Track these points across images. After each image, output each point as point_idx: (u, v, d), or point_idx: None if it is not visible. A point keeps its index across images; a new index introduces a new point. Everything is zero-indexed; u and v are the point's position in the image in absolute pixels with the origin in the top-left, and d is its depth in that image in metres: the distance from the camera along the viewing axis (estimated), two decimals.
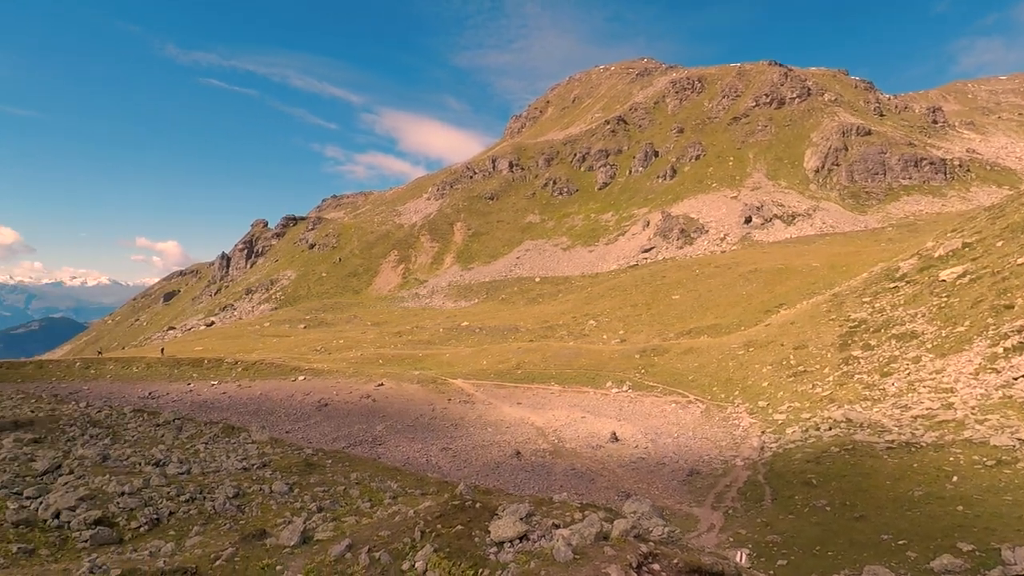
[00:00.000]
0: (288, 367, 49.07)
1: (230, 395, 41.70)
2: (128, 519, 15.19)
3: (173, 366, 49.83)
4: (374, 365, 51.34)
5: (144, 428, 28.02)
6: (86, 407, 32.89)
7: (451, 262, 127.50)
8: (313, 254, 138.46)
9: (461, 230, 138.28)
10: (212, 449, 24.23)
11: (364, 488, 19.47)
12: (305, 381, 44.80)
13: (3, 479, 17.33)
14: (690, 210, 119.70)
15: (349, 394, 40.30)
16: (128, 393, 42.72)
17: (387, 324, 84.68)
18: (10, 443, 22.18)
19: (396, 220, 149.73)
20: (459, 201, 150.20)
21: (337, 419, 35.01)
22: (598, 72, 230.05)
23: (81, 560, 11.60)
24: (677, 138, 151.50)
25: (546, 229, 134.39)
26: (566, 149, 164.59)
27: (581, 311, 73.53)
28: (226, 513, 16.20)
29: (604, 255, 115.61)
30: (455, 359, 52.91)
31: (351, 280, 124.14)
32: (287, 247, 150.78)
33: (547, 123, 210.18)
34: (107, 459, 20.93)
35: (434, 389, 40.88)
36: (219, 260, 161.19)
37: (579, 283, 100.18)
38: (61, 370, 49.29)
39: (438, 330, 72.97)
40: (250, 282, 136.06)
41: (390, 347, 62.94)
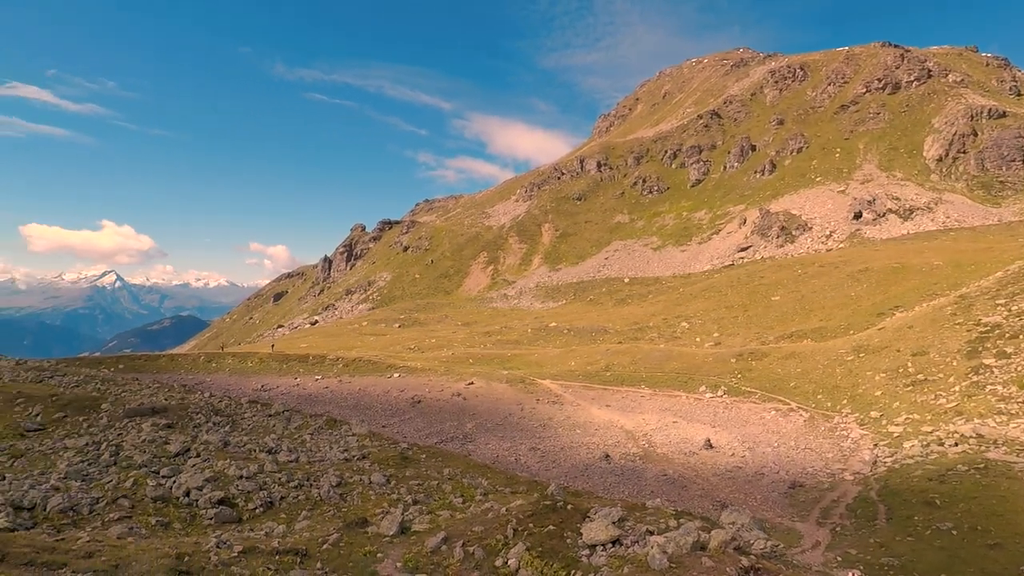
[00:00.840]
0: (384, 364, 51.37)
1: (332, 390, 44.28)
2: (246, 501, 16.55)
3: (282, 361, 53.65)
4: (464, 364, 52.60)
5: (258, 418, 30.40)
6: (209, 397, 36.18)
7: (539, 263, 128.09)
8: (407, 256, 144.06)
9: (549, 231, 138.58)
10: (317, 440, 25.86)
11: (456, 484, 20.01)
12: (400, 378, 46.71)
13: (144, 459, 19.47)
14: (791, 206, 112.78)
15: (441, 392, 41.56)
16: (244, 385, 46.49)
17: (476, 324, 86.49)
18: (148, 427, 24.85)
19: (485, 222, 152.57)
20: (547, 202, 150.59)
21: (429, 415, 36.21)
22: (690, 66, 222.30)
23: (208, 535, 12.79)
24: (776, 130, 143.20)
25: (635, 229, 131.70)
26: (656, 146, 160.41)
27: (672, 312, 71.38)
28: (330, 500, 17.24)
29: (697, 255, 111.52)
30: (543, 359, 53.10)
31: (442, 281, 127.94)
32: (383, 250, 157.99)
33: (636, 120, 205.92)
34: (227, 445, 22.91)
35: (522, 389, 41.26)
36: (322, 263, 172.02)
37: (670, 284, 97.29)
38: (188, 363, 54.55)
39: (526, 330, 73.56)
40: (349, 283, 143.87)
41: (479, 347, 64.24)
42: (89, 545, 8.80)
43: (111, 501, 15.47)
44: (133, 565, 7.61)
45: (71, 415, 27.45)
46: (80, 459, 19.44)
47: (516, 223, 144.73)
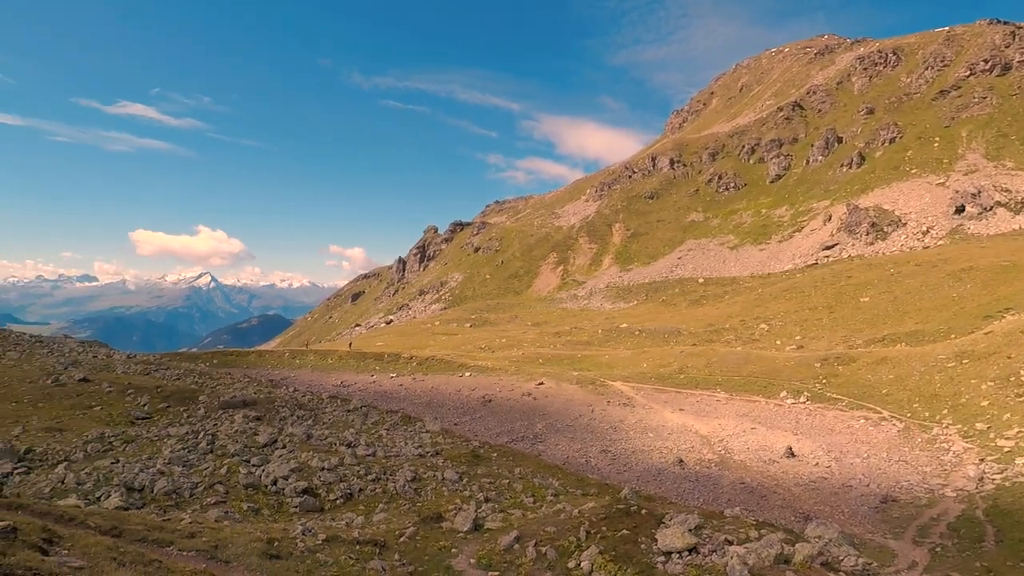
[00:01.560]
0: (456, 363, 52.37)
1: (406, 387, 45.62)
2: (327, 491, 17.36)
3: (360, 359, 55.83)
4: (534, 364, 52.74)
5: (338, 413, 31.80)
6: (294, 392, 38.21)
7: (609, 263, 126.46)
8: (478, 257, 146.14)
9: (620, 231, 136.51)
10: (393, 435, 26.74)
11: (527, 483, 20.11)
12: (471, 377, 47.45)
13: (236, 448, 20.82)
14: (883, 200, 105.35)
15: (511, 391, 41.88)
16: (325, 381, 48.74)
17: (546, 324, 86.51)
18: (240, 419, 26.55)
19: (555, 223, 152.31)
20: (617, 201, 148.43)
21: (500, 415, 36.56)
22: (768, 56, 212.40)
23: (294, 522, 13.52)
24: (866, 120, 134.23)
25: (710, 227, 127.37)
26: (732, 141, 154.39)
27: (750, 314, 68.48)
28: (405, 494, 17.78)
29: (777, 254, 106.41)
30: (614, 361, 52.38)
31: (512, 282, 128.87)
32: (455, 251, 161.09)
33: (711, 115, 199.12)
34: (311, 437, 24.10)
35: (593, 390, 40.89)
36: (396, 264, 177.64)
37: (748, 284, 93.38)
38: (274, 359, 57.83)
39: (596, 331, 72.82)
40: (422, 284, 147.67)
41: (549, 347, 64.21)
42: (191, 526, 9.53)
43: (208, 486, 16.66)
44: (230, 547, 8.18)
45: (173, 405, 29.81)
46: (181, 447, 21.05)
47: (586, 223, 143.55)
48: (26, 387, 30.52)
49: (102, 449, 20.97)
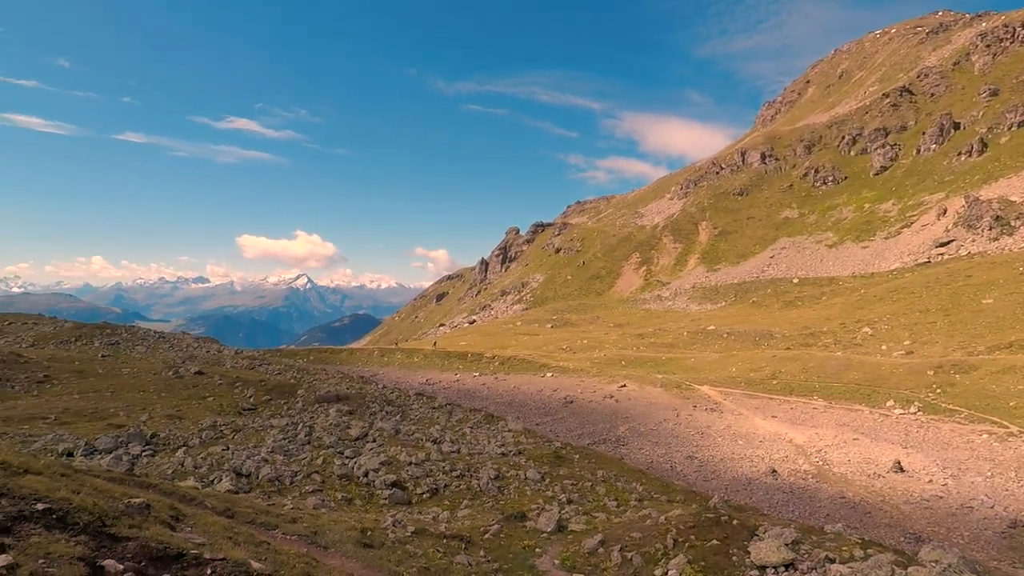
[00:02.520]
0: (537, 364, 52.56)
1: (488, 386, 46.34)
2: (415, 485, 17.94)
3: (444, 358, 57.35)
4: (616, 366, 51.95)
5: (424, 410, 32.84)
6: (383, 388, 39.87)
7: (695, 263, 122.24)
8: (559, 258, 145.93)
9: (706, 229, 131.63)
10: (476, 433, 27.24)
11: (610, 487, 19.84)
12: (552, 378, 47.46)
13: (331, 440, 22.01)
14: (1009, 191, 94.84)
15: (593, 393, 41.48)
16: (411, 379, 50.49)
17: (629, 326, 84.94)
18: (334, 412, 28.05)
19: (637, 222, 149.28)
20: (704, 199, 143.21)
21: (582, 416, 36.31)
22: (872, 39, 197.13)
23: (384, 514, 14.10)
24: (988, 103, 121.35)
25: (806, 224, 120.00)
26: (831, 132, 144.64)
27: (852, 316, 63.82)
28: (488, 492, 18.05)
29: (882, 251, 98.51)
30: (700, 364, 50.58)
31: (594, 282, 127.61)
32: (536, 252, 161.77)
33: (806, 106, 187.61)
34: (399, 433, 25.05)
35: (678, 394, 39.69)
36: (479, 265, 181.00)
37: (849, 284, 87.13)
38: (364, 357, 60.60)
39: (682, 333, 70.61)
40: (504, 285, 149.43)
41: (632, 349, 63.01)
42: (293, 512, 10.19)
43: (306, 475, 17.72)
44: (327, 533, 8.68)
45: (275, 398, 31.97)
46: (282, 437, 22.54)
47: (670, 222, 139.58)
48: (151, 378, 33.84)
49: (214, 436, 22.86)
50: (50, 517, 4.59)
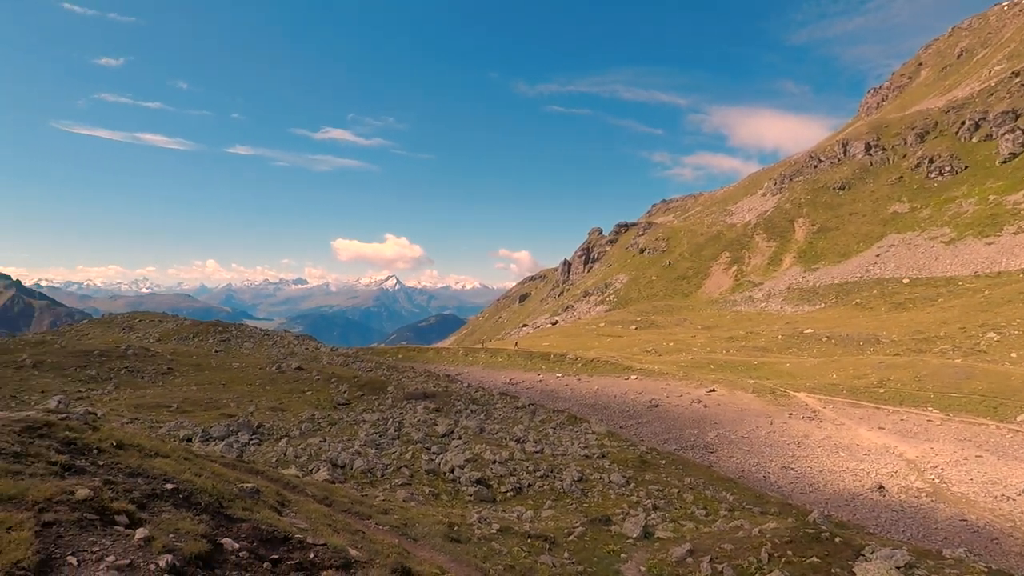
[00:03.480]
0: (621, 366, 51.69)
1: (571, 387, 46.11)
2: (499, 484, 18.20)
3: (527, 358, 57.70)
4: (704, 370, 50.08)
5: (507, 409, 33.21)
6: (467, 387, 40.72)
7: (791, 262, 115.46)
8: (643, 258, 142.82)
9: (803, 226, 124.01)
10: (559, 434, 27.21)
11: (698, 495, 19.18)
12: (637, 380, 46.50)
13: (419, 436, 22.78)
14: None
15: (679, 397, 40.22)
16: (494, 379, 51.20)
17: (718, 328, 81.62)
18: (421, 409, 28.99)
19: (727, 220, 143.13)
20: (800, 194, 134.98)
21: (667, 421, 35.31)
22: (999, 11, 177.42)
23: (469, 510, 14.42)
24: None
25: (918, 219, 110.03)
26: (948, 118, 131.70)
27: (973, 320, 57.80)
28: (572, 494, 17.98)
29: (1011, 248, 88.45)
30: (797, 370, 47.71)
31: (680, 283, 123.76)
32: (619, 252, 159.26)
33: (919, 90, 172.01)
34: (483, 431, 25.50)
35: (772, 401, 37.66)
36: (561, 266, 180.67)
37: (970, 285, 78.98)
38: (450, 356, 62.16)
39: (776, 336, 66.91)
40: (587, 285, 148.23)
41: (721, 352, 60.49)
42: (384, 503, 10.66)
43: (396, 469, 18.46)
44: (416, 526, 9.00)
45: (367, 394, 33.53)
46: (374, 431, 23.61)
47: (763, 219, 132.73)
48: (257, 372, 36.52)
49: (312, 428, 24.32)
50: (177, 496, 5.08)
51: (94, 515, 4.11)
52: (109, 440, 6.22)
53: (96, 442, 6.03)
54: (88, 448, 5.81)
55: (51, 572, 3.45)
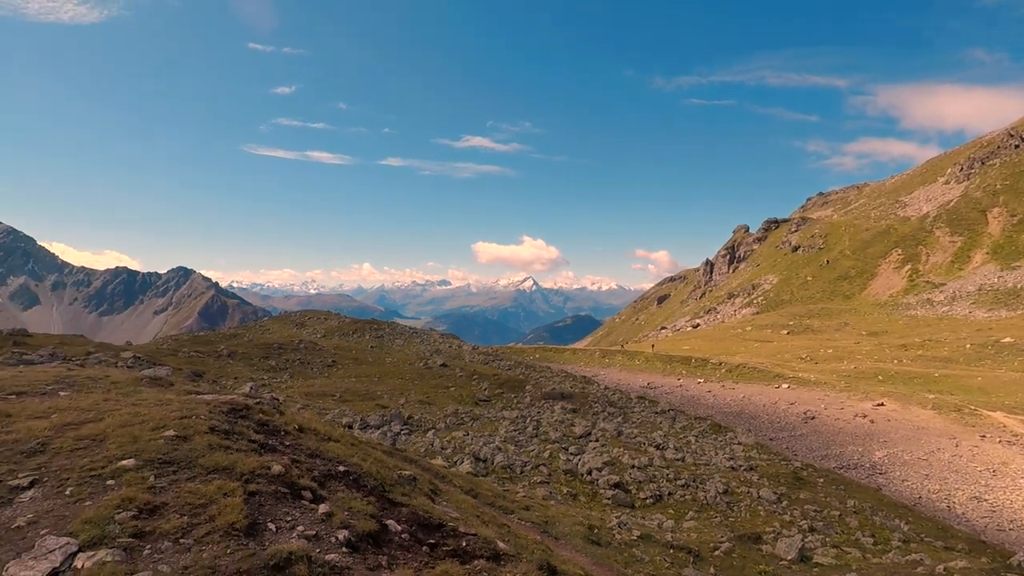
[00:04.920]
0: (771, 373, 48.08)
1: (714, 394, 43.80)
2: (637, 489, 17.84)
3: (666, 362, 55.84)
4: (871, 381, 44.88)
5: (646, 414, 32.41)
6: (604, 389, 40.38)
7: (982, 259, 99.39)
8: (796, 257, 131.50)
9: (999, 217, 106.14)
10: (702, 443, 26.00)
11: (864, 520, 17.27)
12: (789, 390, 42.98)
13: (556, 436, 23.05)
14: None
15: (840, 410, 36.48)
16: (632, 382, 50.20)
17: (887, 334, 72.64)
18: (559, 409, 29.30)
19: (899, 213, 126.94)
20: (994, 180, 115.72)
21: (825, 435, 32.18)
22: None
23: (608, 513, 14.31)
24: None
25: None
26: None
27: None
28: (716, 506, 17.10)
29: None
30: (990, 384, 40.99)
31: (841, 284, 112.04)
32: (768, 251, 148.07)
33: None
34: (620, 434, 25.14)
35: (957, 419, 32.74)
36: (703, 266, 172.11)
37: None
38: (586, 357, 62.06)
39: (962, 345, 58.01)
40: (732, 287, 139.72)
41: (891, 362, 53.78)
42: (525, 500, 10.96)
43: (534, 467, 18.85)
44: (557, 525, 9.15)
45: (506, 392, 34.61)
46: (513, 428, 24.31)
47: (945, 211, 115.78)
48: (407, 368, 39.31)
49: (456, 423, 25.64)
50: (348, 478, 5.69)
51: (286, 489, 4.75)
52: (292, 424, 7.11)
53: (283, 425, 6.93)
54: (277, 430, 6.69)
55: (256, 535, 4.06)
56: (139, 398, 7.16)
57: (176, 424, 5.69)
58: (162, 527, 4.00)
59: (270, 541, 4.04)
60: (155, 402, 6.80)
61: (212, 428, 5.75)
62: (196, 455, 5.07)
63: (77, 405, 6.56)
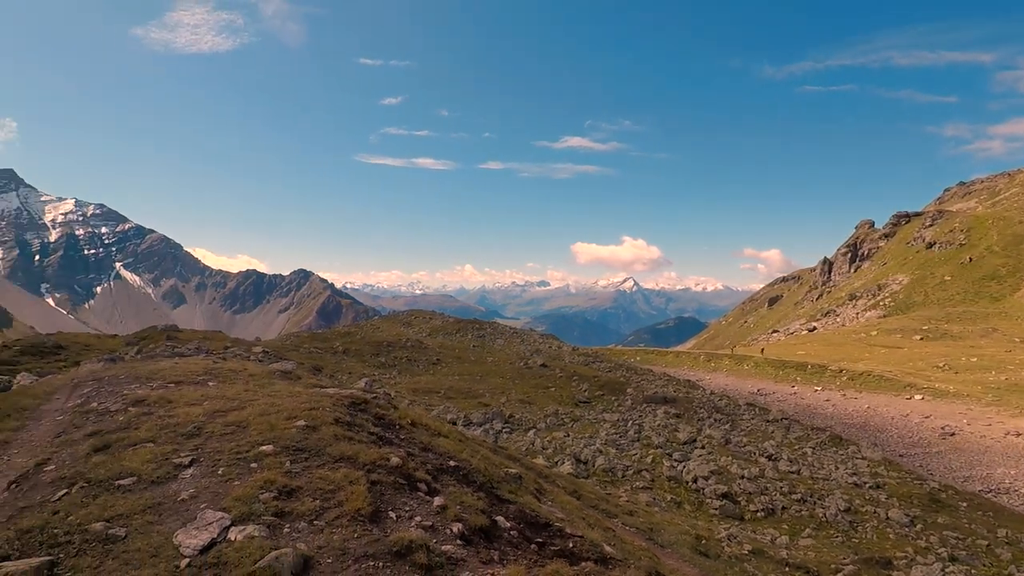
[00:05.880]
0: (900, 382, 43.78)
1: (834, 404, 40.59)
2: (747, 501, 16.97)
3: (779, 367, 52.51)
4: None
5: (756, 421, 30.70)
6: (710, 394, 38.73)
7: None
8: (931, 254, 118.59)
9: None
10: (820, 455, 24.22)
11: (1019, 553, 15.27)
12: (923, 402, 38.90)
13: (659, 441, 22.47)
14: None
15: (987, 426, 32.46)
16: (740, 387, 47.72)
17: None
18: (661, 414, 28.52)
19: None
20: None
21: (969, 454, 28.76)
22: None
23: (715, 525, 13.75)
24: None
25: None
26: None
27: None
28: (837, 525, 15.89)
29: None
30: None
31: (987, 284, 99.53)
32: (897, 248, 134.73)
33: None
34: (728, 442, 24.03)
35: None
36: (820, 265, 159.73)
37: None
38: (690, 360, 59.82)
39: None
40: (854, 287, 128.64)
41: None
42: (628, 504, 10.80)
43: (636, 471, 18.49)
44: (662, 532, 8.94)
45: (606, 394, 34.22)
46: (614, 432, 23.99)
47: None
48: (508, 367, 39.99)
49: (556, 423, 25.74)
50: (458, 473, 5.94)
51: (403, 480, 5.06)
52: (406, 419, 7.52)
53: (397, 419, 7.36)
54: (392, 424, 7.12)
55: (379, 522, 4.38)
56: (272, 390, 7.90)
57: (305, 415, 6.23)
58: (298, 508, 4.42)
59: (392, 529, 4.33)
60: (287, 394, 7.47)
61: (336, 420, 6.23)
62: (324, 444, 5.53)
63: (223, 394, 7.36)
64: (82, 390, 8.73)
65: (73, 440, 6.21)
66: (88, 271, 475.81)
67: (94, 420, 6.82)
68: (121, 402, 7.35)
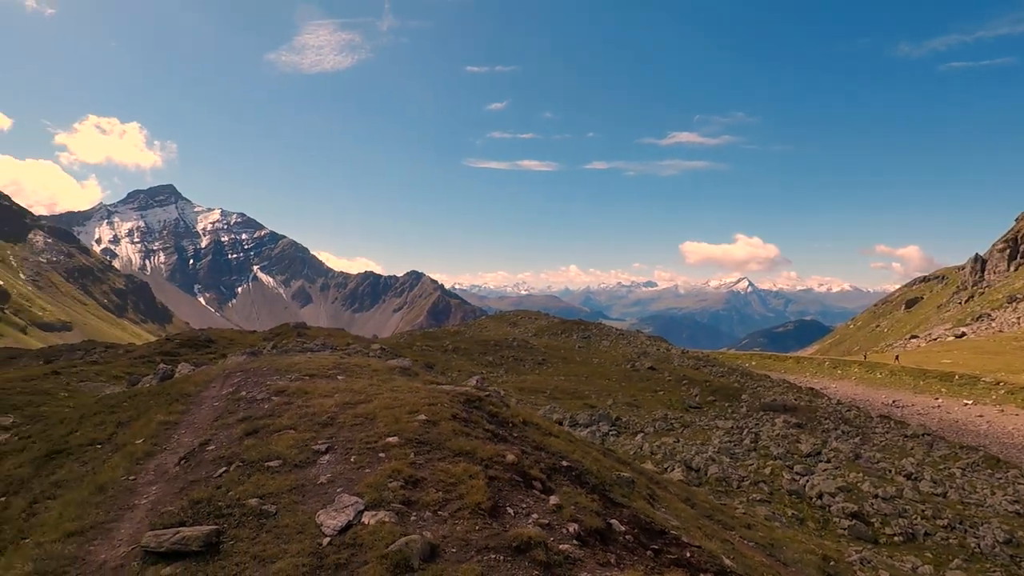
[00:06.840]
0: None
1: (988, 420, 35.93)
2: (882, 523, 15.51)
3: (918, 377, 47.38)
4: None
5: (891, 436, 27.93)
6: (836, 404, 35.75)
7: None
8: None
9: None
10: (971, 478, 21.57)
11: None
12: None
13: (778, 451, 21.13)
14: None
15: None
16: (871, 397, 43.61)
17: None
18: (780, 423, 26.78)
19: None
20: None
21: None
22: None
23: (845, 546, 12.70)
24: None
25: None
26: None
27: None
28: (994, 558, 14.11)
29: None
30: None
31: None
32: None
33: None
34: (858, 458, 22.07)
35: None
36: (971, 263, 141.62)
37: None
38: (813, 367, 55.47)
39: None
40: (1014, 288, 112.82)
41: None
42: (745, 517, 10.27)
43: (753, 483, 17.51)
44: (784, 549, 8.41)
45: (719, 400, 32.70)
46: (728, 439, 22.87)
47: None
48: (614, 368, 39.43)
49: (665, 428, 24.99)
50: (571, 473, 5.99)
51: (519, 477, 5.21)
52: (518, 417, 7.70)
53: (509, 417, 7.55)
54: (505, 421, 7.32)
55: (498, 517, 4.55)
56: (394, 385, 8.41)
57: (426, 410, 6.58)
58: (423, 498, 4.70)
59: (510, 524, 4.47)
60: (407, 389, 7.93)
61: (454, 415, 6.53)
62: (443, 438, 5.82)
63: (351, 387, 7.96)
64: (232, 380, 9.81)
65: (228, 424, 7.02)
66: (231, 273, 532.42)
67: (244, 407, 7.65)
68: (265, 391, 8.19)
